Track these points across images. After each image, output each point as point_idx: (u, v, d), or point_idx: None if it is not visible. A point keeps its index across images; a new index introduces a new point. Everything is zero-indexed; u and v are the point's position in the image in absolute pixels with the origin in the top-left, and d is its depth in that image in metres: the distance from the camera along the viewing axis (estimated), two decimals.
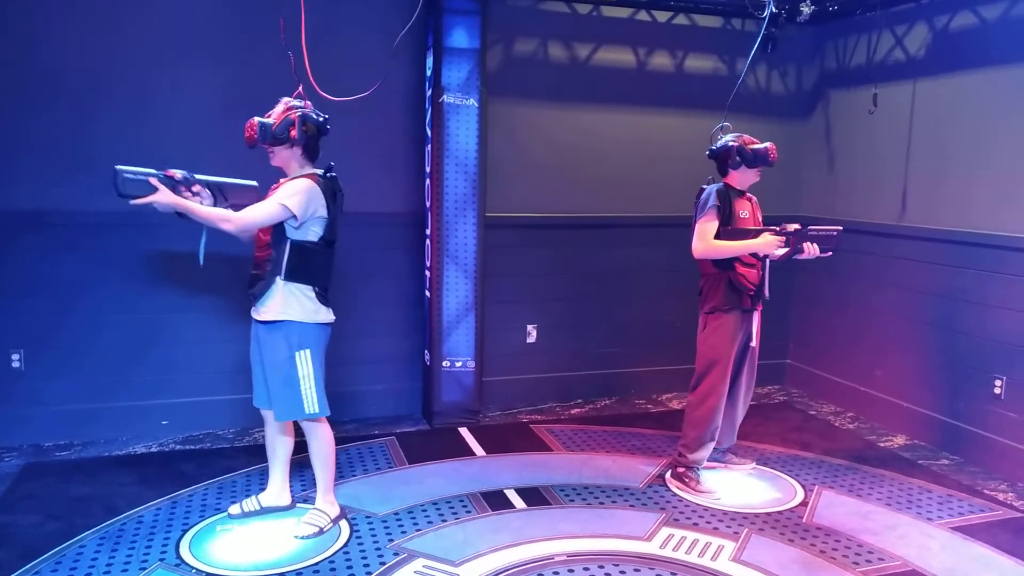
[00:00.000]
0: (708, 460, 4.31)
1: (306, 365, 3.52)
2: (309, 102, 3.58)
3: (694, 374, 4.22)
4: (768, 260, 4.07)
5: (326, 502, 3.75)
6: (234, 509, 3.80)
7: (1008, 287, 4.49)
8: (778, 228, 3.96)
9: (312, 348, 3.53)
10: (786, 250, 3.95)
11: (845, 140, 5.78)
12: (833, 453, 4.83)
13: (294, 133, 3.42)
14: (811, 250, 3.95)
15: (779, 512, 4.00)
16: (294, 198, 3.37)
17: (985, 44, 4.65)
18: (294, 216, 3.36)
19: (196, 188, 3.39)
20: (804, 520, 3.92)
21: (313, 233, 3.46)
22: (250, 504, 3.81)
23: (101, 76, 4.55)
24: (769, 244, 3.94)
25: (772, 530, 3.81)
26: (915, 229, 5.03)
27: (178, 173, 3.34)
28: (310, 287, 3.49)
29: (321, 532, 3.63)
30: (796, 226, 3.96)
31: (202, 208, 3.33)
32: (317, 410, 3.57)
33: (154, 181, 3.23)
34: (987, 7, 4.63)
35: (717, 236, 4.00)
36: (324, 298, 3.55)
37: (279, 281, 3.44)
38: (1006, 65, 4.51)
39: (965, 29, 4.79)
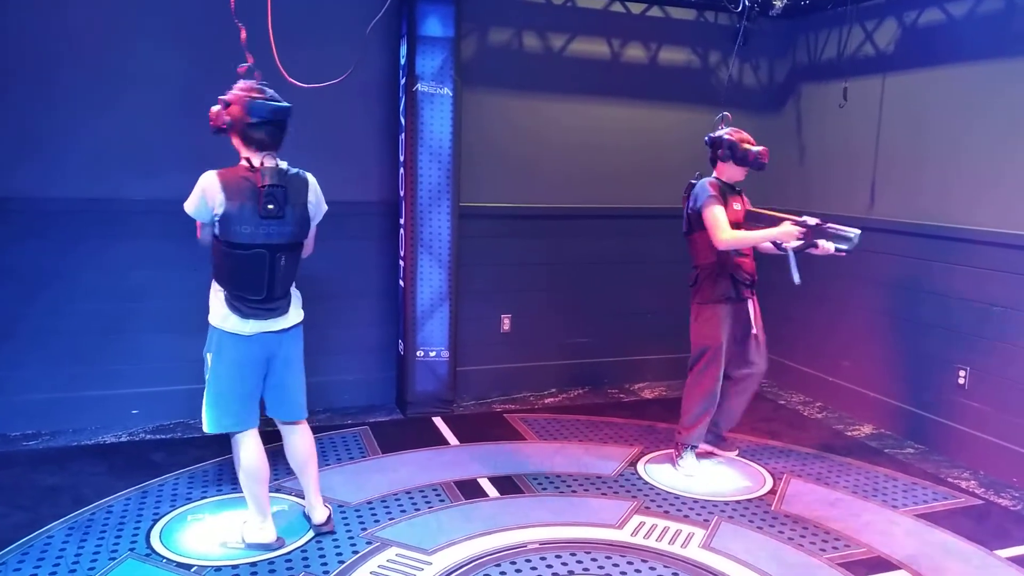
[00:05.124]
0: (704, 443, 4.43)
1: (207, 370, 3.26)
2: (259, 74, 3.18)
3: (691, 356, 4.30)
4: (790, 250, 3.93)
5: (248, 528, 3.39)
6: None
7: (972, 279, 4.57)
8: (797, 219, 3.89)
9: (214, 354, 3.21)
10: (801, 242, 3.89)
11: (816, 133, 5.84)
12: (801, 442, 4.91)
13: (222, 119, 3.07)
14: (826, 247, 3.87)
15: (748, 500, 4.06)
16: (191, 196, 3.10)
17: (952, 40, 4.71)
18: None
19: None
20: (773, 508, 3.98)
21: (220, 232, 3.11)
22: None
23: (55, 56, 4.44)
24: (788, 233, 3.88)
25: (741, 518, 3.86)
26: (883, 222, 5.10)
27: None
28: (222, 291, 3.21)
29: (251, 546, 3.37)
30: (816, 221, 3.88)
31: None
32: (205, 428, 3.28)
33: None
34: (954, 4, 4.69)
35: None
36: (235, 307, 3.16)
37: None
38: (973, 61, 4.58)
39: (933, 25, 4.85)
